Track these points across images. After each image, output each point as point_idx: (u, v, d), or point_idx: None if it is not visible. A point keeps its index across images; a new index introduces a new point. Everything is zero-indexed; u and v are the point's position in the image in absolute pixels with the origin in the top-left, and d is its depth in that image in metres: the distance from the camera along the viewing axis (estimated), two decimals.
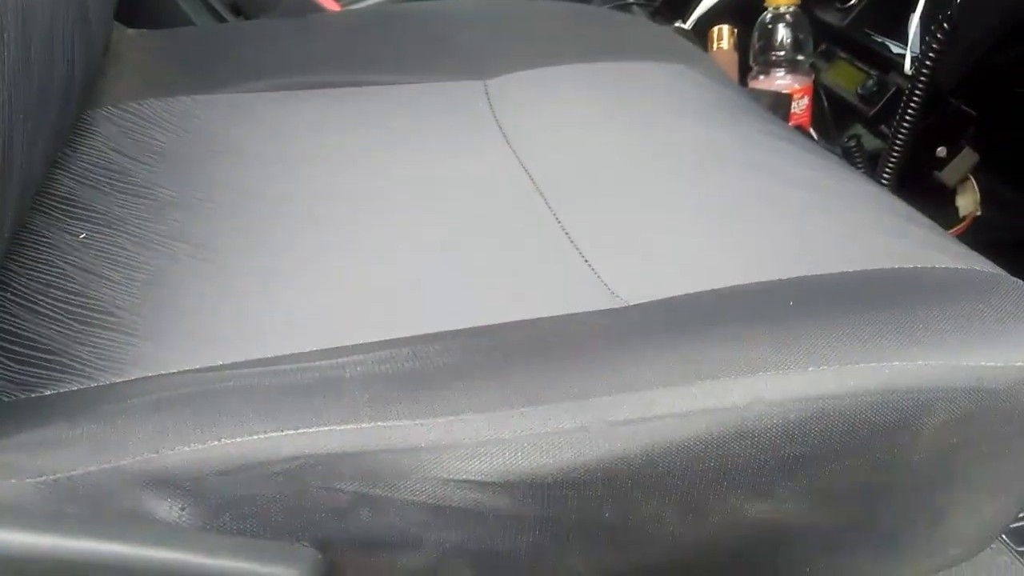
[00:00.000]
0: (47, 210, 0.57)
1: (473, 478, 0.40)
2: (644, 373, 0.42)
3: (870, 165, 1.07)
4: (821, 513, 0.43)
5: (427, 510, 0.40)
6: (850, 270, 0.50)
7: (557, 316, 0.48)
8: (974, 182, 1.05)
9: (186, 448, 0.39)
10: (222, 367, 0.45)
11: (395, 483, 0.40)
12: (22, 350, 0.46)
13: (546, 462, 0.40)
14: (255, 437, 0.40)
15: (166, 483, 0.39)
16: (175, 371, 0.45)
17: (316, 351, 0.46)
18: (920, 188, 1.03)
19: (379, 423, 0.40)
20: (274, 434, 0.40)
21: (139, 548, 0.36)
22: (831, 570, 0.46)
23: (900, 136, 1.00)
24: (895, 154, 1.01)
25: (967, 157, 1.02)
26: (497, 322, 0.48)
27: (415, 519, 0.40)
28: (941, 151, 1.02)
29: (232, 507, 0.39)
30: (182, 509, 0.39)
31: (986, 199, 1.05)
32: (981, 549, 0.50)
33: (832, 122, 1.12)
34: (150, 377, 0.45)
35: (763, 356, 0.42)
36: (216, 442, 0.39)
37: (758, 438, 0.40)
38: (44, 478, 0.38)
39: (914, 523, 0.45)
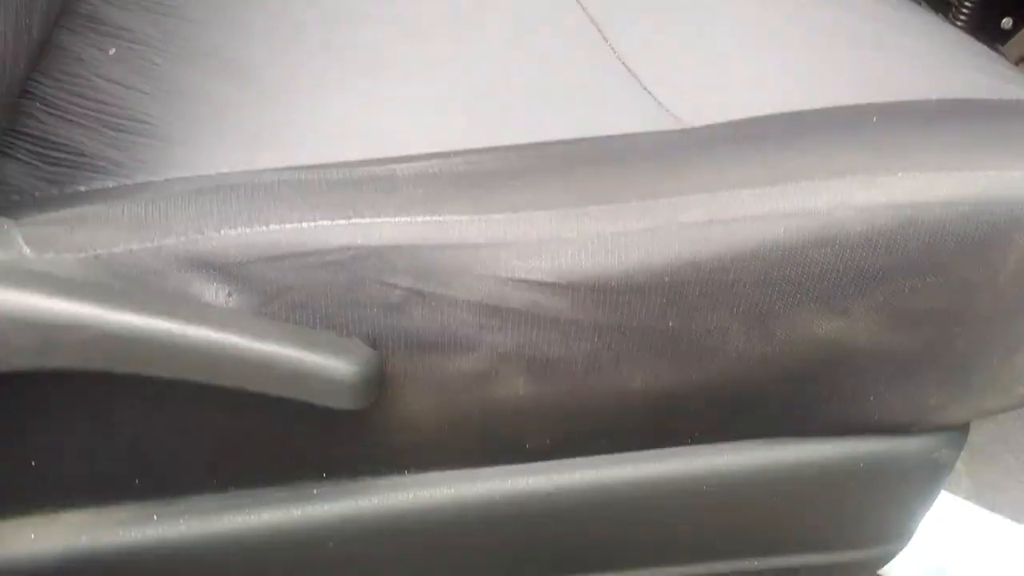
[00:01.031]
0: (74, 28, 0.54)
1: (532, 278, 0.38)
2: (721, 174, 0.39)
3: None
4: (894, 335, 0.41)
5: (482, 310, 0.39)
6: (932, 97, 0.47)
7: (619, 134, 0.45)
8: None
9: (232, 231, 0.37)
10: (263, 170, 0.43)
11: (450, 280, 0.38)
12: (54, 153, 0.44)
13: (610, 264, 0.38)
14: (305, 224, 0.37)
15: (212, 266, 0.37)
16: (213, 173, 0.43)
17: (363, 160, 0.43)
18: None
19: (434, 217, 0.38)
20: (324, 222, 0.38)
21: (185, 325, 0.34)
22: (896, 399, 0.44)
23: (964, 6, 0.94)
24: (957, 25, 0.95)
25: None
26: (554, 139, 0.45)
27: (469, 319, 0.39)
28: (1006, 23, 0.97)
29: (281, 295, 0.37)
30: (229, 294, 0.37)
31: None
32: None
33: None
34: (188, 177, 0.43)
35: (850, 160, 0.39)
36: (264, 227, 0.37)
37: (839, 246, 0.38)
38: (84, 254, 0.36)
39: (988, 354, 0.43)
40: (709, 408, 0.43)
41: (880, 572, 0.80)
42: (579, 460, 0.44)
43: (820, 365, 0.42)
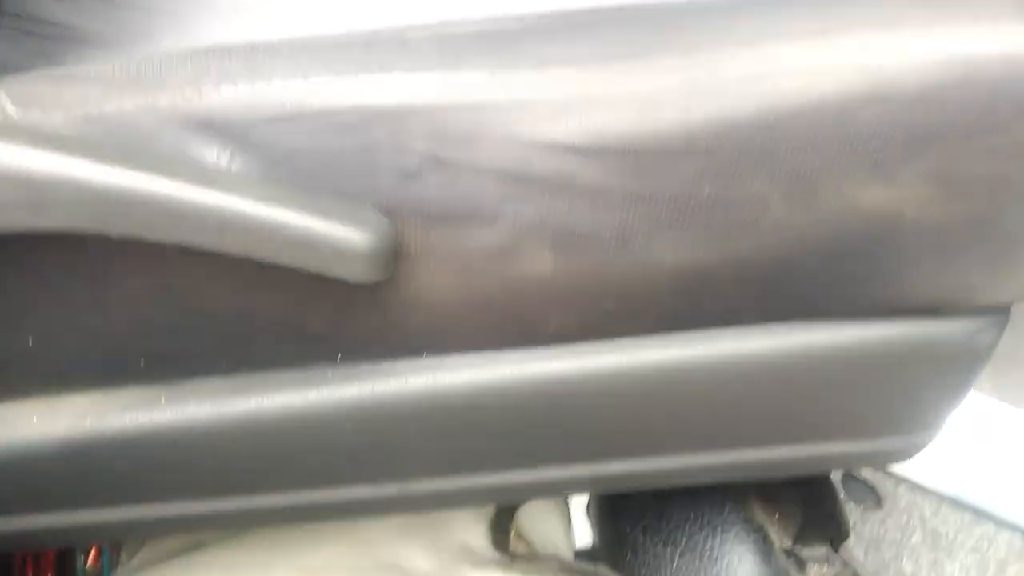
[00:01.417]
0: None
1: (559, 140, 0.35)
2: (763, 27, 0.36)
3: None
4: (942, 205, 0.38)
5: (504, 178, 0.36)
6: None
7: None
8: None
9: (232, 88, 0.34)
10: (266, 42, 0.40)
11: (470, 144, 0.35)
12: (39, 29, 0.41)
13: (643, 124, 0.35)
14: (311, 80, 0.34)
15: (211, 127, 0.34)
16: (211, 44, 0.40)
17: (371, 30, 0.40)
18: None
19: (451, 73, 0.35)
20: (332, 78, 0.35)
21: (185, 183, 0.32)
22: (939, 277, 0.41)
23: None
24: None
25: None
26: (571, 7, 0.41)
27: (490, 188, 0.36)
28: None
29: (287, 161, 0.35)
30: (231, 158, 0.34)
31: None
32: None
33: None
34: (184, 48, 0.39)
35: (903, 11, 0.35)
36: (266, 84, 0.34)
37: (890, 104, 0.35)
38: (73, 113, 0.33)
39: None
40: (742, 287, 0.40)
41: (898, 471, 0.79)
42: (604, 343, 0.42)
43: (862, 239, 0.39)
